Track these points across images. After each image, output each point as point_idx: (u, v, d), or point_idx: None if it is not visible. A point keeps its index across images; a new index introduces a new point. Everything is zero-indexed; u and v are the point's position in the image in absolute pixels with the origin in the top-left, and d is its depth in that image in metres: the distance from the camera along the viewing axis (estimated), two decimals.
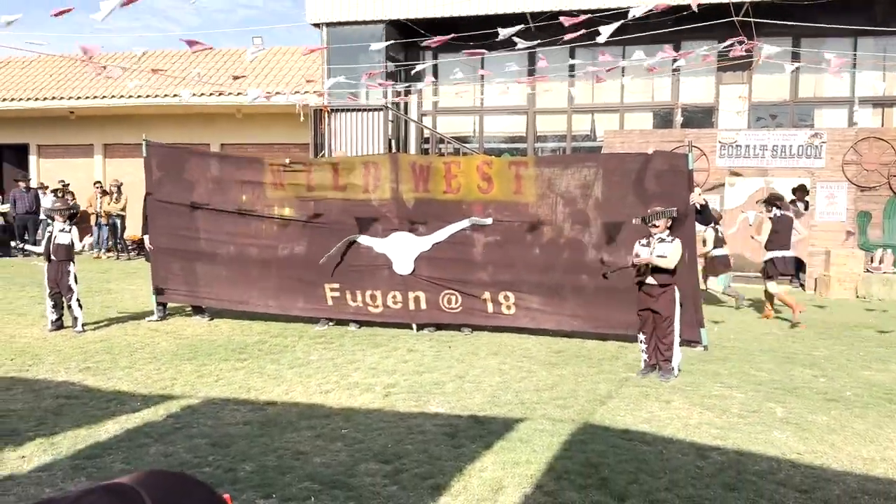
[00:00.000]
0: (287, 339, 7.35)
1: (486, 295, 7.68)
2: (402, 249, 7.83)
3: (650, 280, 6.03)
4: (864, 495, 3.65)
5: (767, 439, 4.47)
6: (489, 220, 7.67)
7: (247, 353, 6.66)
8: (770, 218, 8.76)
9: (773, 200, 8.85)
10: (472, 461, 4.03)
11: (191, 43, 7.03)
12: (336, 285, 7.99)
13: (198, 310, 8.60)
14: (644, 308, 6.12)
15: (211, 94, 16.10)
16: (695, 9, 7.97)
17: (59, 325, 7.68)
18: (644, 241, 6.15)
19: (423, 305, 7.83)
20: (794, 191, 11.62)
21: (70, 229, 7.82)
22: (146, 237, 8.53)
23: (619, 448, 4.26)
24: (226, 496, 2.79)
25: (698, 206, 6.92)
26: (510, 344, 7.30)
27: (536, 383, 5.74)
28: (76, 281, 7.72)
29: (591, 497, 3.57)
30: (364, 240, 7.91)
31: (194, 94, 15.11)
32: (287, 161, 8.30)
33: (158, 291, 8.43)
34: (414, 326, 7.93)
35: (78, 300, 7.64)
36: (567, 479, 3.78)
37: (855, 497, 3.63)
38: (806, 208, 12.26)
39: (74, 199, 16.42)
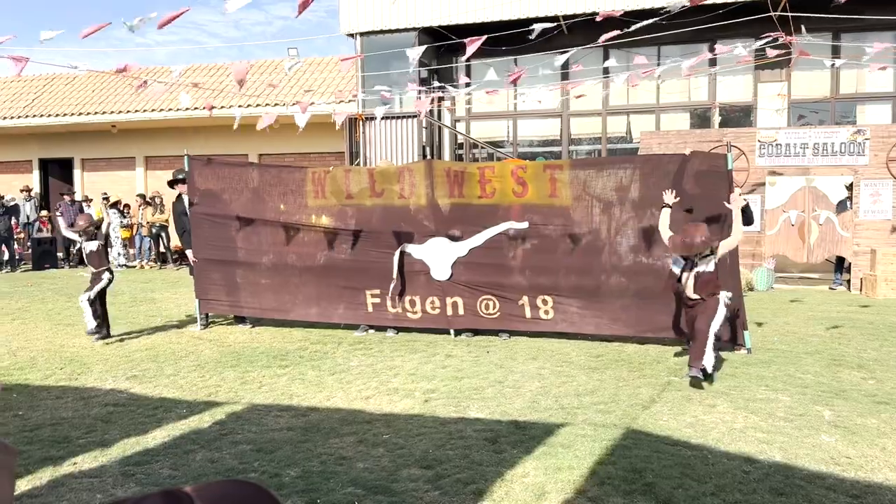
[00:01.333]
0: (327, 346, 7.42)
1: (524, 300, 7.67)
2: (439, 255, 7.87)
3: (693, 294, 5.92)
4: None
5: (815, 443, 4.38)
6: (525, 224, 7.65)
7: (288, 360, 6.75)
8: None
9: None
10: (513, 467, 4.02)
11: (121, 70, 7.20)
12: (377, 292, 8.05)
13: (240, 318, 8.74)
14: (689, 318, 6.04)
15: (248, 106, 16.36)
16: None
17: (104, 334, 7.86)
18: (682, 263, 6.01)
19: (461, 311, 7.85)
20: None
21: (100, 237, 7.98)
22: (189, 251, 8.66)
23: (662, 453, 4.21)
24: None
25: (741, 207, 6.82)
26: (548, 349, 7.27)
27: (577, 388, 5.71)
28: (102, 283, 7.83)
29: (636, 503, 3.53)
30: (407, 247, 7.96)
31: (233, 106, 15.37)
32: (330, 169, 8.43)
33: (201, 302, 8.58)
34: (451, 332, 7.95)
35: (90, 300, 7.71)
36: (610, 485, 3.75)
37: None
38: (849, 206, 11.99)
39: (129, 211, 16.85)
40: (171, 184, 9.05)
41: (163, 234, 16.46)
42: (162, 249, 16.63)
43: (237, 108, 13.65)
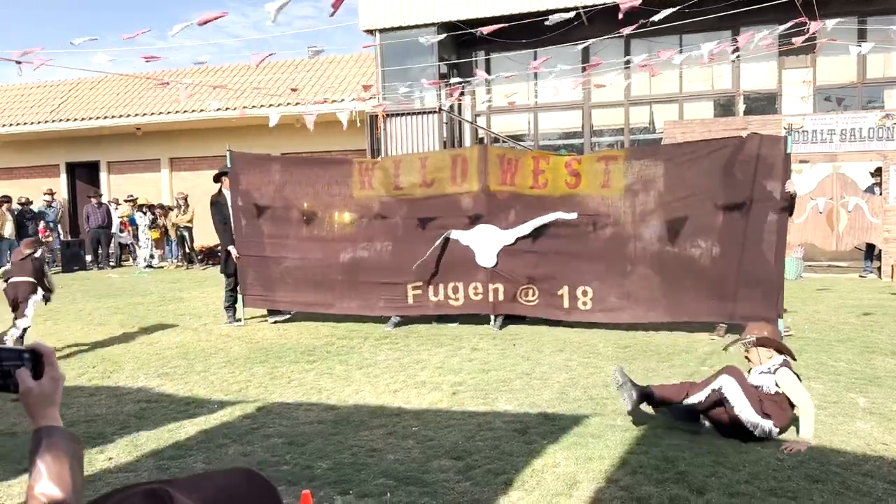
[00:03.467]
0: (353, 341, 7.46)
1: (564, 290, 7.71)
2: (486, 242, 7.88)
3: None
4: None
5: (850, 430, 4.32)
6: (574, 215, 7.66)
7: (316, 356, 6.79)
8: None
9: None
10: (543, 457, 4.01)
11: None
12: (419, 283, 8.08)
13: (273, 312, 8.78)
14: None
15: (270, 106, 16.46)
16: None
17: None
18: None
19: (501, 297, 7.89)
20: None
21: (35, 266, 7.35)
22: (231, 247, 8.58)
23: (694, 442, 4.18)
24: (305, 492, 2.84)
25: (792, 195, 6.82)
26: (575, 340, 7.24)
27: (605, 379, 5.68)
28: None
29: (668, 491, 3.51)
30: (454, 233, 7.98)
31: (254, 107, 15.49)
32: (379, 159, 8.47)
33: (245, 297, 8.58)
34: (491, 318, 7.99)
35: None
36: (643, 474, 3.72)
37: None
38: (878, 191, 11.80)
39: (160, 213, 17.06)
40: (217, 178, 8.92)
41: (187, 235, 16.63)
42: (187, 250, 16.80)
43: (272, 109, 13.76)
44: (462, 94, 14.14)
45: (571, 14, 8.72)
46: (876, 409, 4.71)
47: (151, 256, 16.53)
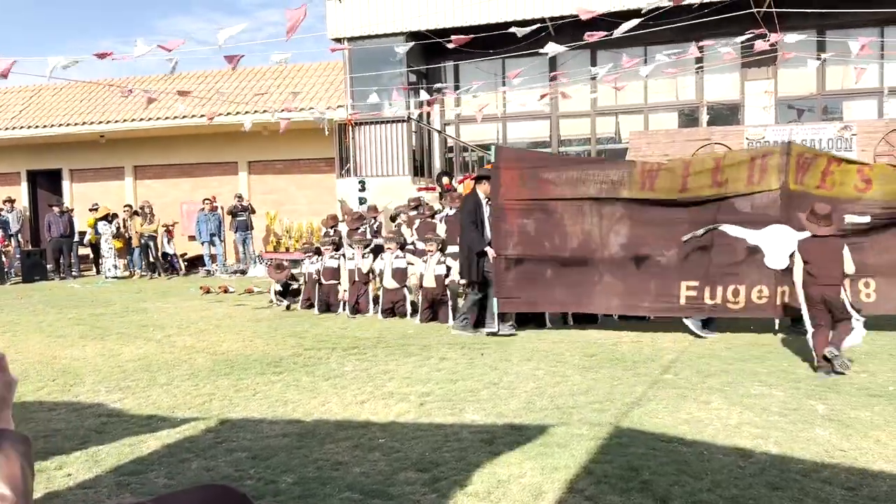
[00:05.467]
0: (321, 352, 7.41)
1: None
2: (777, 242, 7.63)
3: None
4: None
5: (810, 437, 4.40)
6: (867, 219, 7.66)
7: (282, 367, 6.72)
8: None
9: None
10: (510, 467, 4.02)
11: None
12: (695, 283, 7.86)
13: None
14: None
15: (237, 114, 16.32)
16: None
17: None
18: None
19: (788, 299, 7.63)
20: None
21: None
22: (489, 248, 8.16)
23: (658, 450, 4.22)
24: None
25: None
26: (543, 349, 7.28)
27: (571, 388, 5.72)
28: None
29: (633, 500, 3.54)
30: (735, 231, 7.74)
31: (221, 114, 15.35)
32: (665, 161, 8.50)
33: (500, 300, 8.20)
34: (776, 322, 7.79)
35: None
36: (607, 483, 3.75)
37: None
38: None
39: (118, 221, 16.72)
40: (477, 180, 8.61)
41: (151, 244, 16.38)
42: (151, 259, 16.55)
43: (247, 115, 13.65)
44: (431, 102, 14.18)
45: (537, 26, 8.80)
46: (835, 416, 4.80)
47: (115, 266, 16.23)
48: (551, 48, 9.60)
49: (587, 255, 8.21)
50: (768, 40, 9.66)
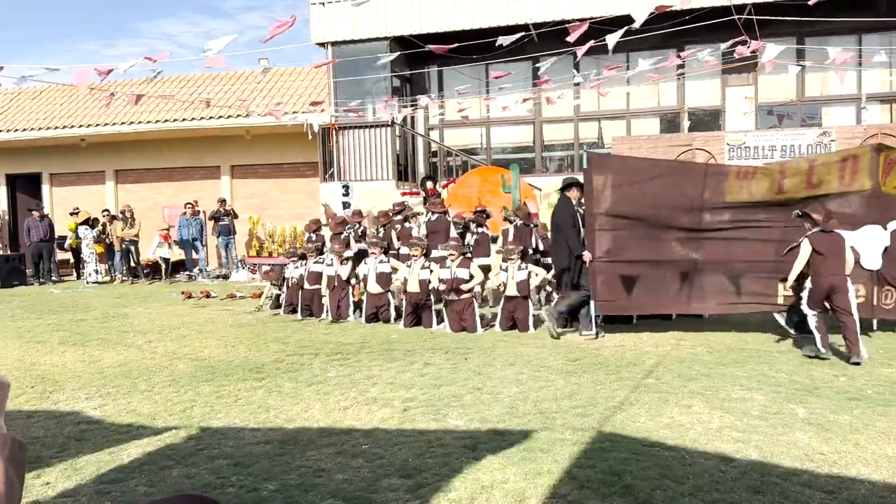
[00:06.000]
0: (304, 357, 7.37)
1: None
2: (870, 243, 7.81)
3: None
4: (891, 494, 3.61)
5: (790, 441, 4.44)
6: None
7: (264, 373, 6.69)
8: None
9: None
10: (493, 473, 4.02)
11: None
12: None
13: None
14: None
15: (220, 118, 16.24)
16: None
17: None
18: None
19: (889, 300, 7.86)
20: None
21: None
22: (585, 252, 8.25)
23: (641, 455, 4.24)
24: None
25: None
26: (526, 354, 7.29)
27: (555, 392, 5.73)
28: None
29: None
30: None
31: (203, 118, 15.29)
32: (762, 165, 8.73)
33: (597, 303, 8.24)
34: (874, 322, 7.98)
35: None
36: (590, 488, 3.76)
37: (882, 496, 3.59)
38: None
39: (99, 225, 16.53)
40: (564, 188, 8.74)
41: (132, 249, 16.24)
42: (132, 264, 16.40)
43: (252, 117, 13.58)
44: (415, 106, 14.19)
45: (522, 35, 8.83)
46: (814, 420, 4.85)
47: (96, 272, 16.07)
48: (530, 55, 9.62)
49: (682, 257, 8.35)
50: (749, 47, 9.76)
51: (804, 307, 7.00)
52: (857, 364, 6.42)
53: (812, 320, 6.86)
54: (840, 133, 12.21)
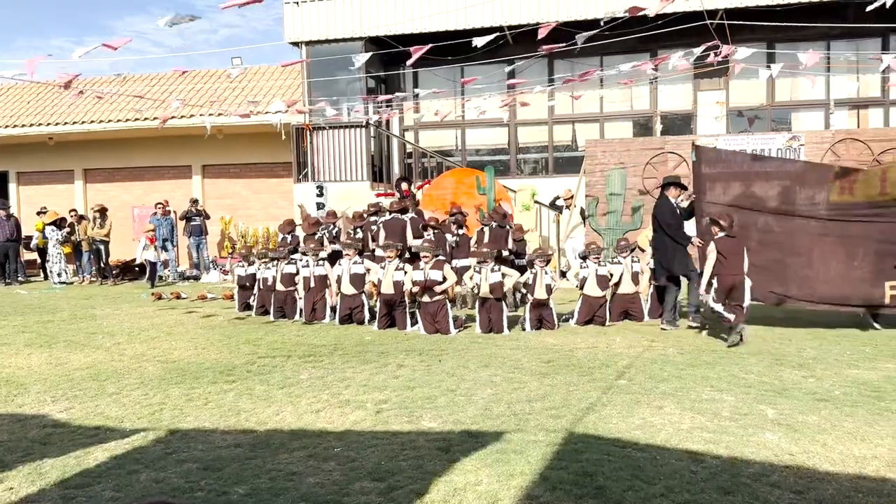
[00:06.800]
0: (276, 360, 7.30)
1: None
2: None
3: None
4: (857, 493, 3.67)
5: (760, 441, 4.49)
6: None
7: (235, 375, 6.61)
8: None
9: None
10: (466, 475, 4.01)
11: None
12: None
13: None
14: None
15: (192, 116, 16.05)
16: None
17: None
18: None
19: None
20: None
21: None
22: (694, 237, 8.67)
23: (613, 456, 4.26)
24: None
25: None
26: (500, 356, 7.29)
27: (528, 394, 5.74)
28: None
29: None
30: None
31: (174, 117, 15.10)
32: (866, 168, 9.20)
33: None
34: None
35: None
36: (562, 490, 3.77)
37: (848, 496, 3.64)
38: None
39: (66, 225, 16.20)
40: (665, 186, 9.10)
41: (102, 249, 15.97)
42: (101, 265, 16.13)
43: (207, 118, 13.42)
44: (390, 107, 14.15)
45: (496, 35, 8.85)
46: (784, 420, 4.91)
47: (62, 273, 15.77)
48: (505, 58, 9.63)
49: (786, 254, 8.66)
50: (721, 52, 9.88)
51: (711, 302, 7.82)
52: (738, 342, 7.48)
53: (719, 310, 7.73)
54: (809, 137, 12.41)
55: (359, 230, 11.24)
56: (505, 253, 10.41)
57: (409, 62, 9.26)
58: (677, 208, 8.97)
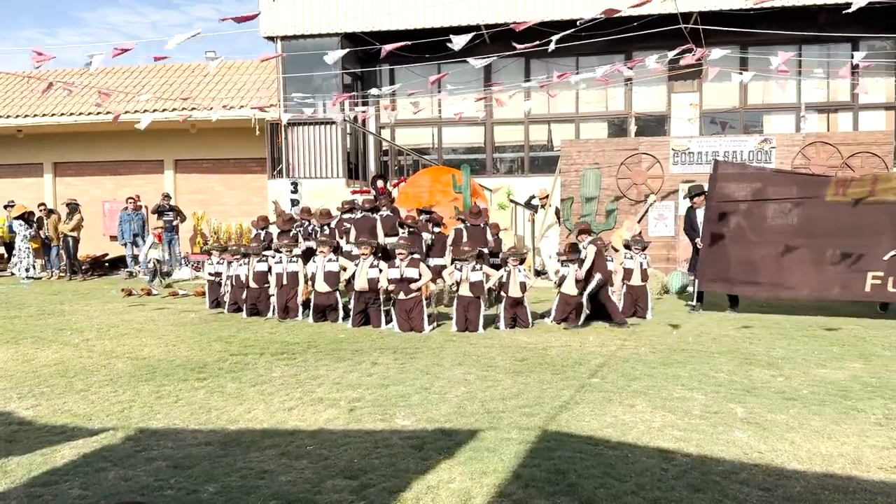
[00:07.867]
0: (248, 357, 7.24)
1: None
2: None
3: None
4: (823, 491, 3.73)
5: (729, 439, 4.55)
6: None
7: (206, 373, 6.54)
8: None
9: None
10: (439, 473, 4.01)
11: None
12: (880, 273, 9.20)
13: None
14: None
15: (164, 111, 15.84)
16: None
17: None
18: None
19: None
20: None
21: None
22: (698, 240, 10.05)
23: (585, 453, 4.28)
24: None
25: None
26: (474, 354, 7.30)
27: (502, 392, 5.75)
28: None
29: (559, 503, 3.57)
30: None
31: (147, 111, 14.90)
32: (858, 175, 10.33)
33: (701, 282, 9.98)
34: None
35: None
36: (535, 487, 3.78)
37: (815, 493, 3.70)
38: None
39: (35, 219, 15.88)
40: (692, 197, 10.51)
41: (72, 244, 15.69)
42: (71, 259, 15.84)
43: (149, 114, 13.23)
44: (366, 103, 14.09)
45: (473, 35, 8.86)
46: (753, 419, 4.98)
47: (29, 268, 15.47)
48: (481, 59, 9.67)
49: (782, 250, 9.65)
50: (694, 55, 9.99)
51: (584, 297, 8.81)
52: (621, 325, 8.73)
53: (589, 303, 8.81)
54: (780, 140, 12.58)
55: (325, 227, 11.11)
56: (486, 251, 10.41)
57: (381, 56, 9.24)
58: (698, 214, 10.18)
